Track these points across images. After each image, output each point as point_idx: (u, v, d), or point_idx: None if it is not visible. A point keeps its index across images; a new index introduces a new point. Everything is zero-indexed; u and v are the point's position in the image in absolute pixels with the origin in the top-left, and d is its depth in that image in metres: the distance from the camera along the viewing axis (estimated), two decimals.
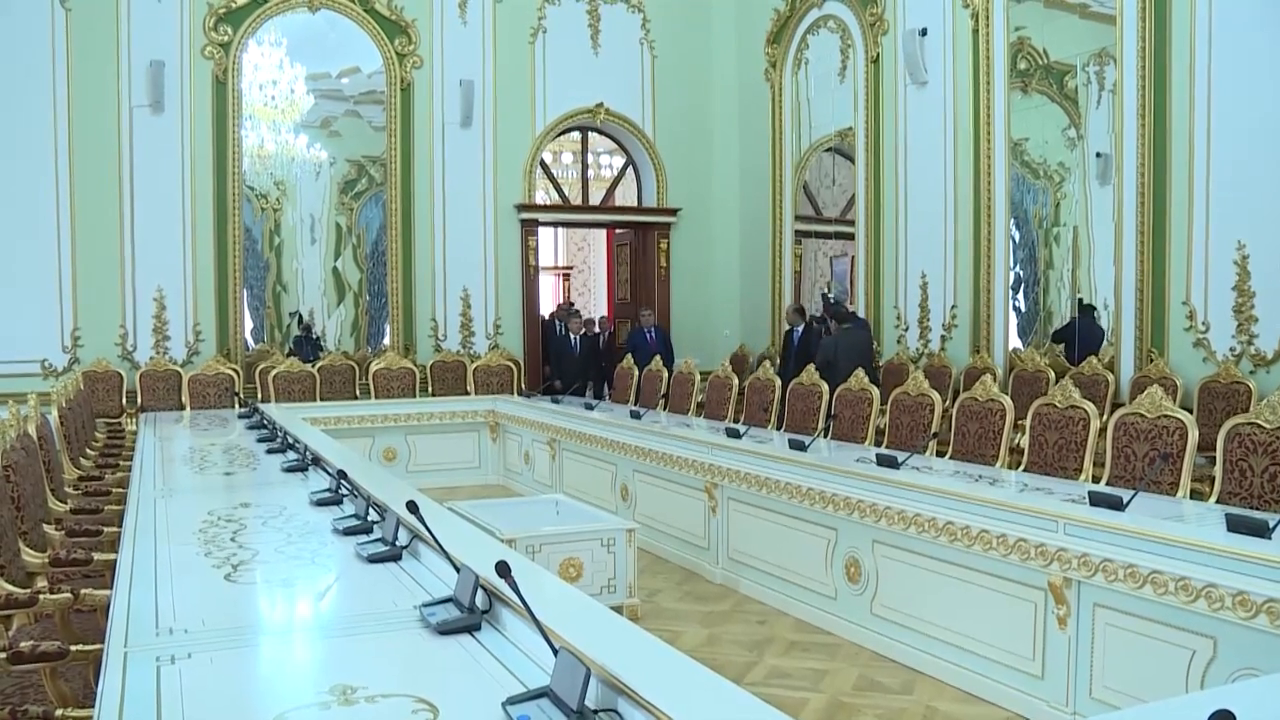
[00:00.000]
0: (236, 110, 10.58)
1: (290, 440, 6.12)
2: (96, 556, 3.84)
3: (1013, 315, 9.00)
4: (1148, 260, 7.66)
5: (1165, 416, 4.72)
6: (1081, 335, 8.32)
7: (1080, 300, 8.40)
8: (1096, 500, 4.03)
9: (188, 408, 9.87)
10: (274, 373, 10.14)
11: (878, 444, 6.43)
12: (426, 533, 3.06)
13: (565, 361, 11.22)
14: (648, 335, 11.11)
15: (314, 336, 11.42)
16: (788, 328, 10.80)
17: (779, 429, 7.40)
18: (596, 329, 12.19)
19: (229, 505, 4.21)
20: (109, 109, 10.24)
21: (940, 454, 5.95)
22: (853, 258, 10.88)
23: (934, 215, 9.53)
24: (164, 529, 3.73)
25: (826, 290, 11.73)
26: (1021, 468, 5.33)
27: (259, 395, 10.18)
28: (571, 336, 11.39)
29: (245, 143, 10.68)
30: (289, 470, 5.16)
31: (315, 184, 11.27)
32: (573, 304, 15.42)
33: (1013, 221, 8.97)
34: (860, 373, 6.81)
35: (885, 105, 10.14)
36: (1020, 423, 6.07)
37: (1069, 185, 8.62)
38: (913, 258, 9.84)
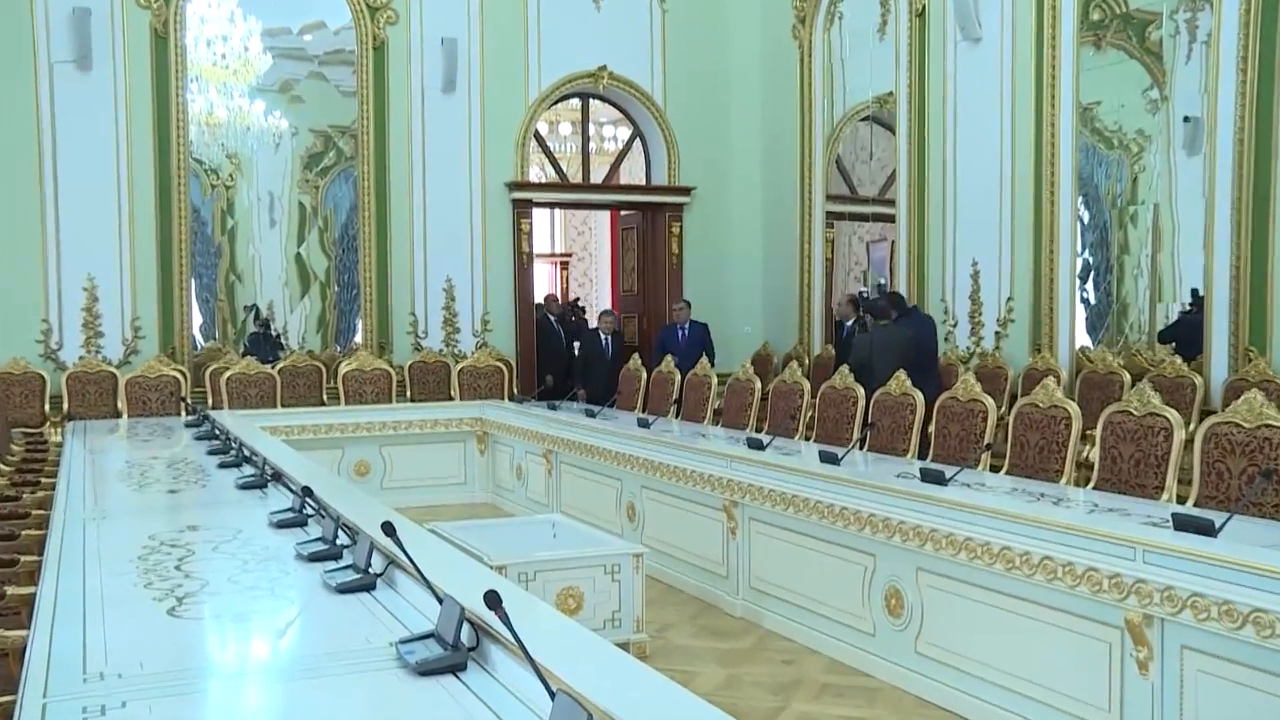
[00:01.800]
0: (180, 70, 10.58)
1: (246, 453, 6.13)
2: (10, 591, 3.82)
3: (1080, 308, 8.99)
4: (1245, 243, 7.61)
5: (1267, 426, 4.69)
6: (1195, 332, 8.06)
7: (1194, 291, 8.20)
8: (1182, 524, 4.00)
9: (125, 415, 9.89)
10: (227, 375, 10.16)
11: (922, 457, 6.42)
12: (404, 558, 3.06)
13: (595, 367, 11.10)
14: (680, 333, 11.06)
15: (274, 333, 11.44)
16: (840, 321, 10.74)
17: (808, 439, 7.39)
18: (617, 326, 12.13)
19: (173, 528, 4.22)
20: (23, 65, 10.17)
21: (995, 469, 5.94)
22: (892, 243, 10.87)
23: (988, 193, 9.51)
24: (95, 557, 3.72)
25: (863, 284, 11.71)
26: (1091, 485, 5.31)
27: (209, 401, 10.20)
28: (601, 336, 11.32)
29: (191, 108, 10.69)
30: (245, 487, 5.17)
31: (274, 157, 11.30)
32: (569, 299, 15.40)
33: (1081, 200, 8.95)
34: (902, 375, 6.80)
35: (932, 66, 10.12)
36: (1089, 433, 6.03)
37: (1149, 156, 8.58)
38: (963, 242, 9.82)
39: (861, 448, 6.64)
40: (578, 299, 14.98)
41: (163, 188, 10.55)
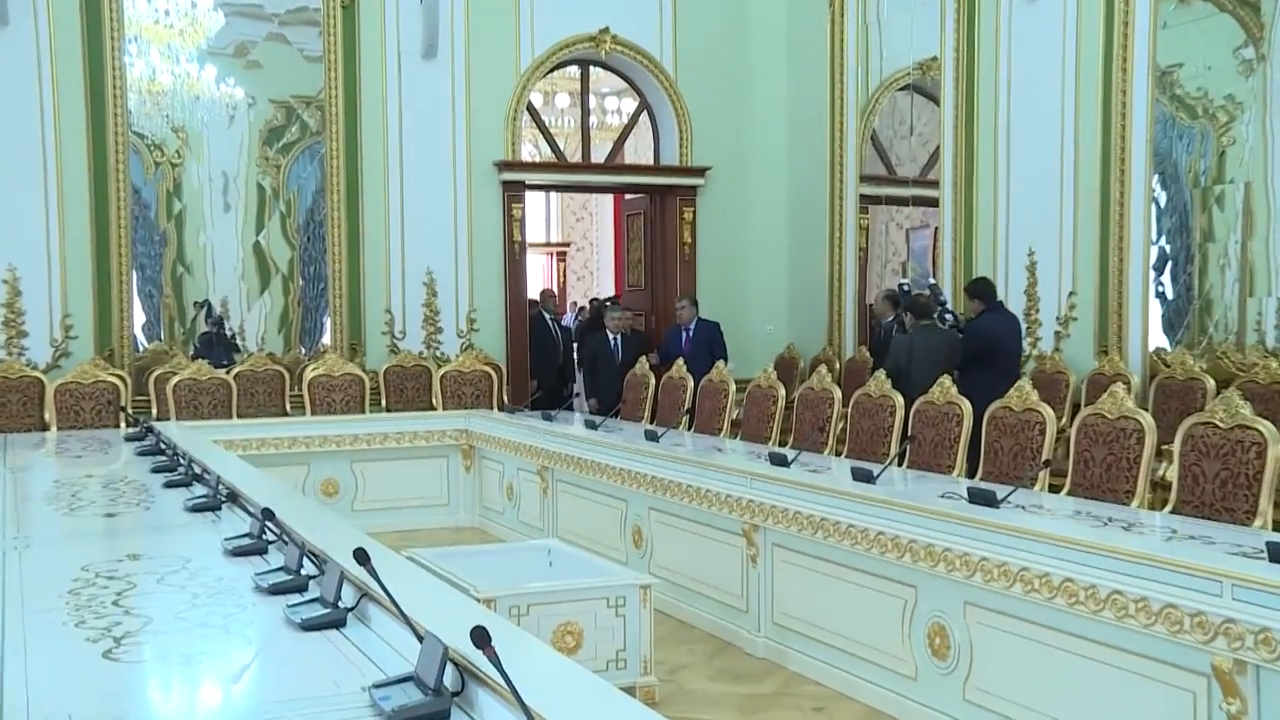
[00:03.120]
0: (116, 28, 10.51)
1: (197, 470, 6.13)
2: None
3: (1155, 304, 8.97)
4: None
5: None
6: None
7: None
8: (1279, 554, 3.98)
9: (53, 427, 9.86)
10: (175, 381, 10.15)
11: (970, 474, 6.42)
12: (379, 590, 3.07)
13: (604, 372, 11.10)
14: (684, 336, 11.06)
15: (228, 333, 11.44)
16: (883, 319, 10.72)
17: (839, 454, 7.39)
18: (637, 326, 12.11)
19: (111, 557, 4.22)
20: None
21: (1054, 489, 5.94)
22: (935, 229, 10.85)
23: (1047, 172, 9.50)
24: (16, 590, 3.72)
25: (902, 276, 11.70)
26: (1168, 508, 5.30)
27: (154, 411, 10.19)
28: (610, 337, 11.33)
29: (130, 73, 10.66)
30: (195, 510, 5.18)
31: (228, 132, 11.29)
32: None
33: (1157, 179, 8.92)
34: (946, 382, 6.79)
35: (983, 26, 10.12)
36: (1165, 448, 6.04)
37: (1240, 127, 8.51)
38: (1017, 229, 9.81)
39: (900, 464, 6.66)
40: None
41: (98, 165, 10.52)
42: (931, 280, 10.56)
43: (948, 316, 9.27)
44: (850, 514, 5.56)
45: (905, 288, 10.87)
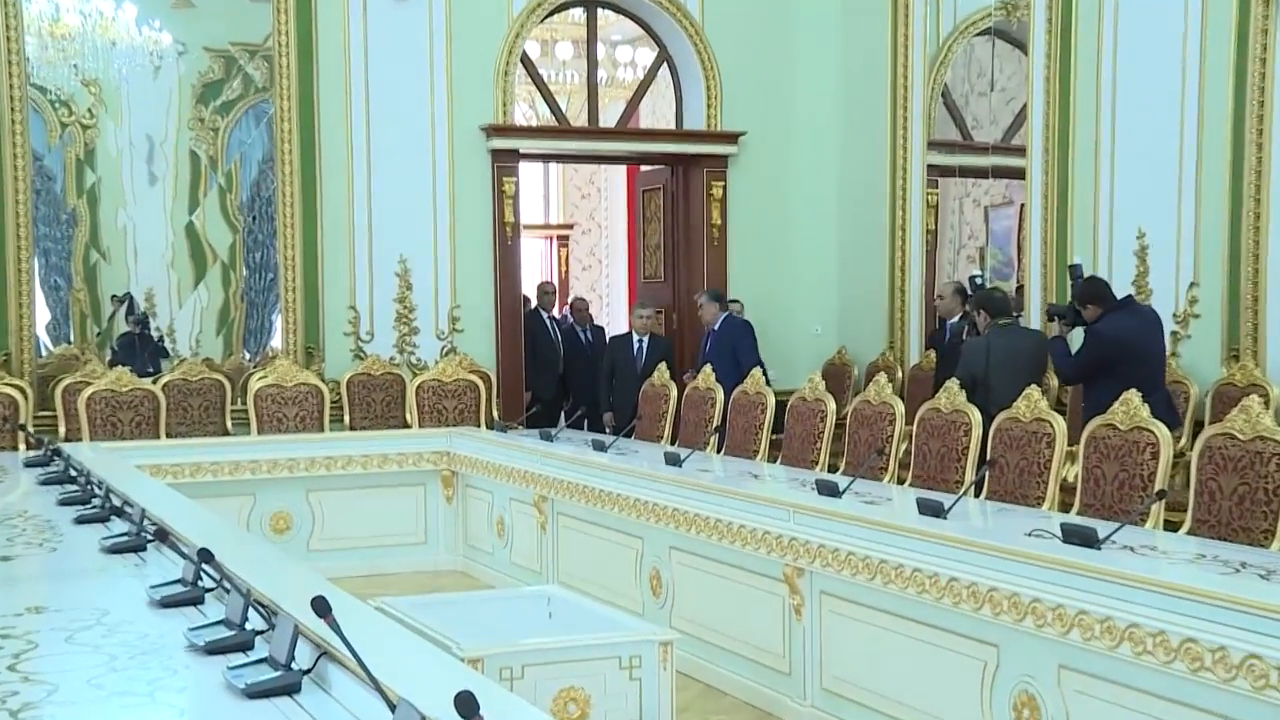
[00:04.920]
0: None
1: (116, 502, 6.11)
2: None
3: None
4: None
5: None
6: None
7: None
8: None
9: None
10: (88, 393, 10.15)
11: (1064, 507, 6.39)
12: (342, 648, 3.05)
13: (625, 381, 11.07)
14: (705, 342, 11.08)
15: (155, 334, 11.45)
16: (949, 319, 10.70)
17: (902, 483, 7.38)
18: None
19: (8, 611, 4.19)
20: None
21: (1171, 525, 5.93)
22: (1021, 207, 10.82)
23: (1163, 134, 9.46)
24: None
25: (979, 265, 11.66)
26: None
27: (62, 429, 10.20)
28: (634, 339, 11.33)
29: (28, 11, 10.62)
30: (114, 551, 5.16)
31: (153, 87, 11.30)
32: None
33: None
34: (1034, 395, 6.76)
35: None
36: None
37: None
38: (1124, 206, 9.78)
39: (977, 494, 6.66)
40: (547, 281, 14.67)
41: None
42: (1076, 260, 10.20)
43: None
44: (916, 555, 5.54)
45: (979, 280, 10.76)
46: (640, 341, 11.25)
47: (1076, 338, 8.51)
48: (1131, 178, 9.75)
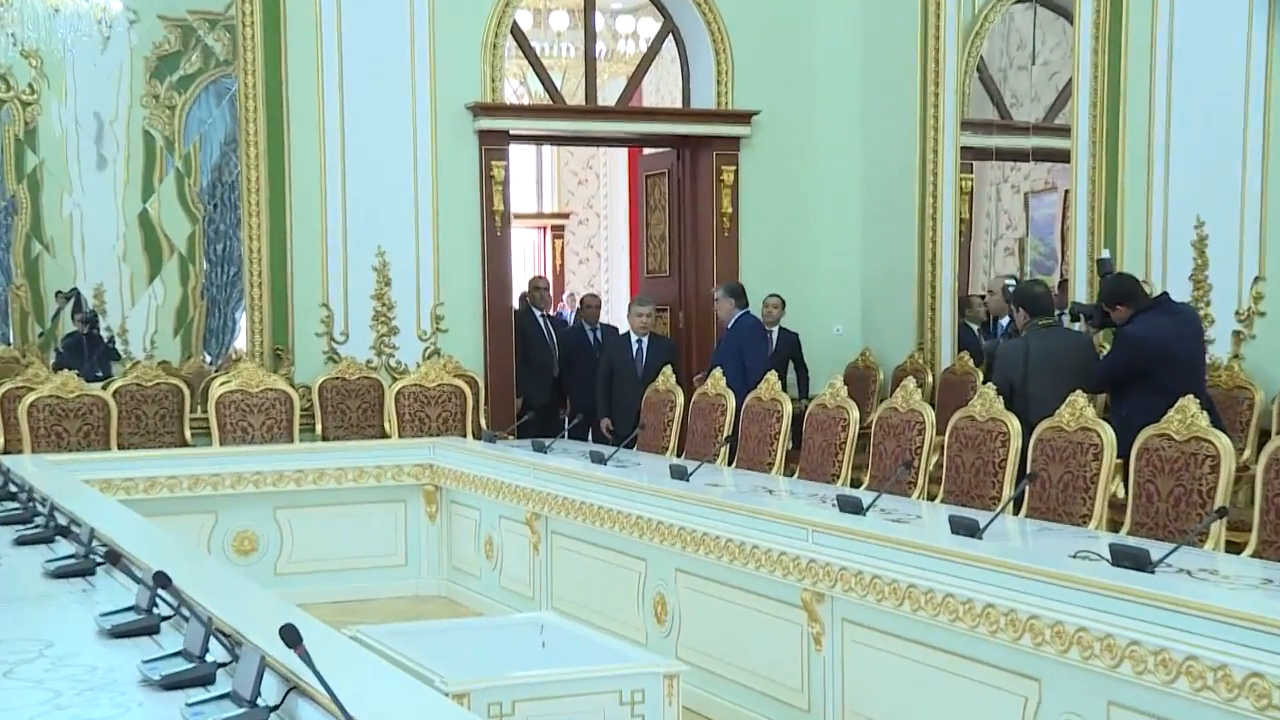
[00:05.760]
0: None
1: (61, 521, 6.10)
2: None
3: None
4: None
5: None
6: None
7: None
8: None
9: None
10: (31, 399, 10.18)
11: (1113, 526, 6.37)
12: (314, 682, 3.04)
13: (624, 386, 11.08)
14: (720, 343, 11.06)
15: (105, 335, 11.45)
16: (994, 318, 10.69)
17: (933, 499, 7.36)
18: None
19: None
20: None
21: (1233, 547, 5.91)
22: (1066, 193, 10.82)
23: (1224, 114, 9.47)
24: None
25: (1016, 263, 11.66)
26: None
27: (1, 440, 10.24)
28: (633, 339, 11.34)
29: None
30: (59, 575, 5.15)
31: (102, 60, 11.26)
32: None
33: None
34: (1079, 401, 6.74)
35: None
36: None
37: None
38: (1180, 192, 9.79)
39: (1016, 511, 6.64)
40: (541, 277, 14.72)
41: None
42: (1105, 254, 10.22)
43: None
44: (948, 579, 5.51)
45: (1010, 287, 10.71)
46: (639, 342, 11.26)
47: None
48: (1189, 160, 9.76)
